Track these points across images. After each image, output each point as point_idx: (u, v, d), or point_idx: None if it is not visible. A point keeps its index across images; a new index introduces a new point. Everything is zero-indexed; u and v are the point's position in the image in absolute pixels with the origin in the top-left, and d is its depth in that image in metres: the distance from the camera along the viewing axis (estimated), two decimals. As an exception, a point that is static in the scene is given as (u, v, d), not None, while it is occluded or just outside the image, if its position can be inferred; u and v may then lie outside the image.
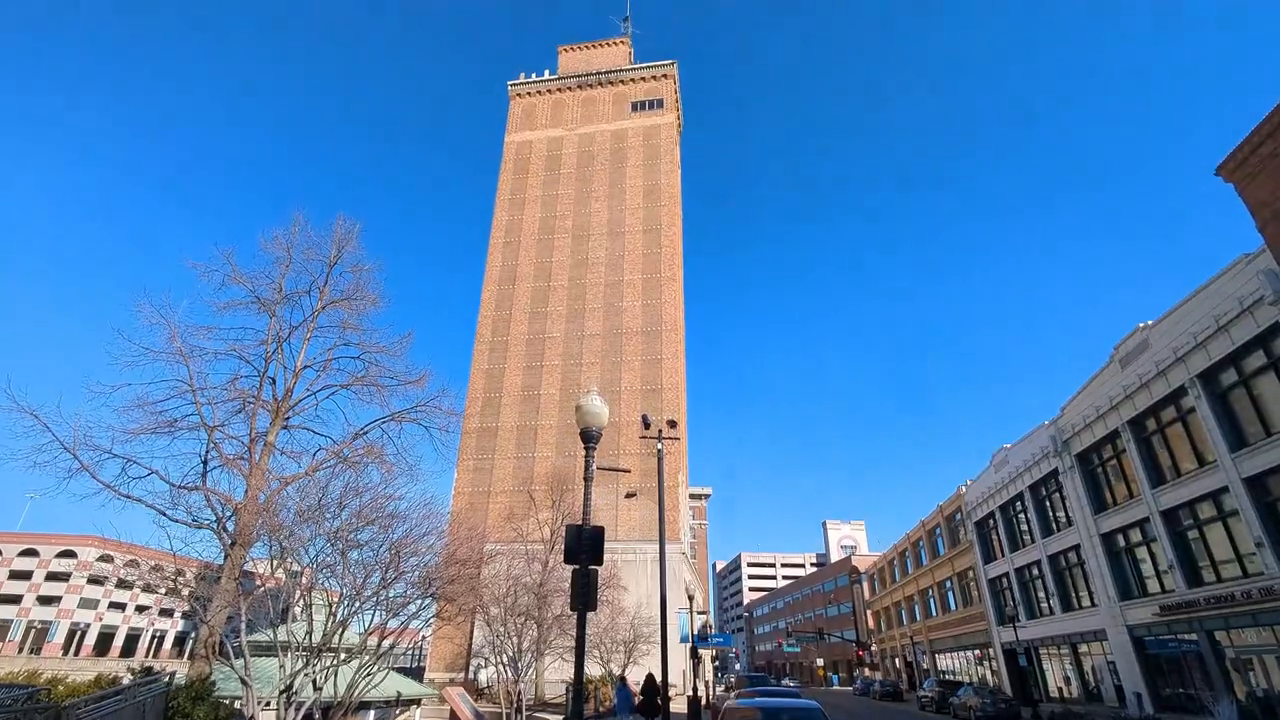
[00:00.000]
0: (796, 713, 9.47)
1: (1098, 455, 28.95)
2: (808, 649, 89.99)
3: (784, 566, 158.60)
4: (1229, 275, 21.20)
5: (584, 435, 8.93)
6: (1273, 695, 20.02)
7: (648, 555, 41.31)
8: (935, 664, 50.18)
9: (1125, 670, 26.44)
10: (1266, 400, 20.27)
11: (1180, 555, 23.61)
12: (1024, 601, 35.27)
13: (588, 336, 51.68)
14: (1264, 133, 19.39)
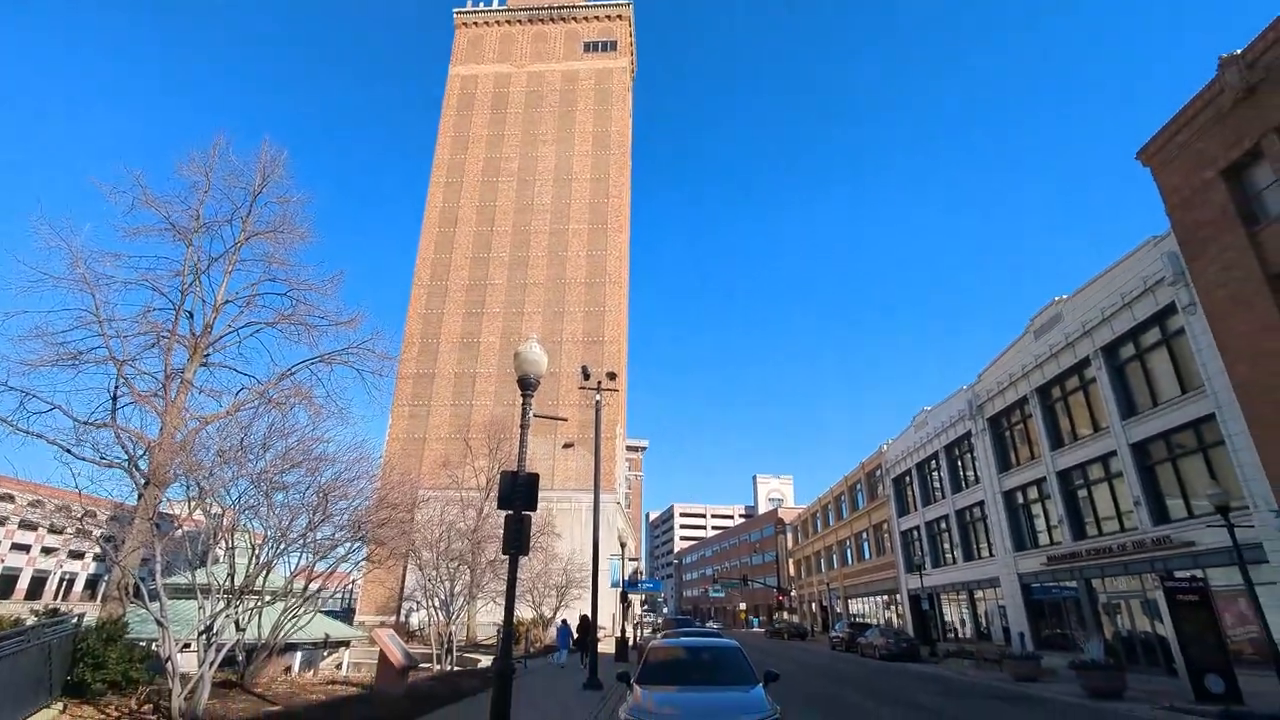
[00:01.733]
0: (716, 650, 9.98)
1: (1007, 419, 31.08)
2: (732, 594, 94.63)
3: (714, 517, 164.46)
4: (1138, 255, 22.70)
5: (522, 383, 8.91)
6: (1134, 634, 22.59)
7: (583, 504, 42.04)
8: (848, 608, 53.82)
9: (1013, 613, 29.17)
10: (1157, 374, 22.14)
11: (1069, 511, 25.92)
12: (931, 552, 38.07)
13: (530, 285, 50.85)
14: (1180, 122, 20.59)
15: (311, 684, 15.16)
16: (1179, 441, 21.06)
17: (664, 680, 8.86)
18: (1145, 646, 21.95)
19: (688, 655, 9.90)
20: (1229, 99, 18.72)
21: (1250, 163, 18.52)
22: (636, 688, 8.51)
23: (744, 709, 7.56)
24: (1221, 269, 18.92)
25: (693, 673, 9.20)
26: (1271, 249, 17.64)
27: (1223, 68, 18.80)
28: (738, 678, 8.86)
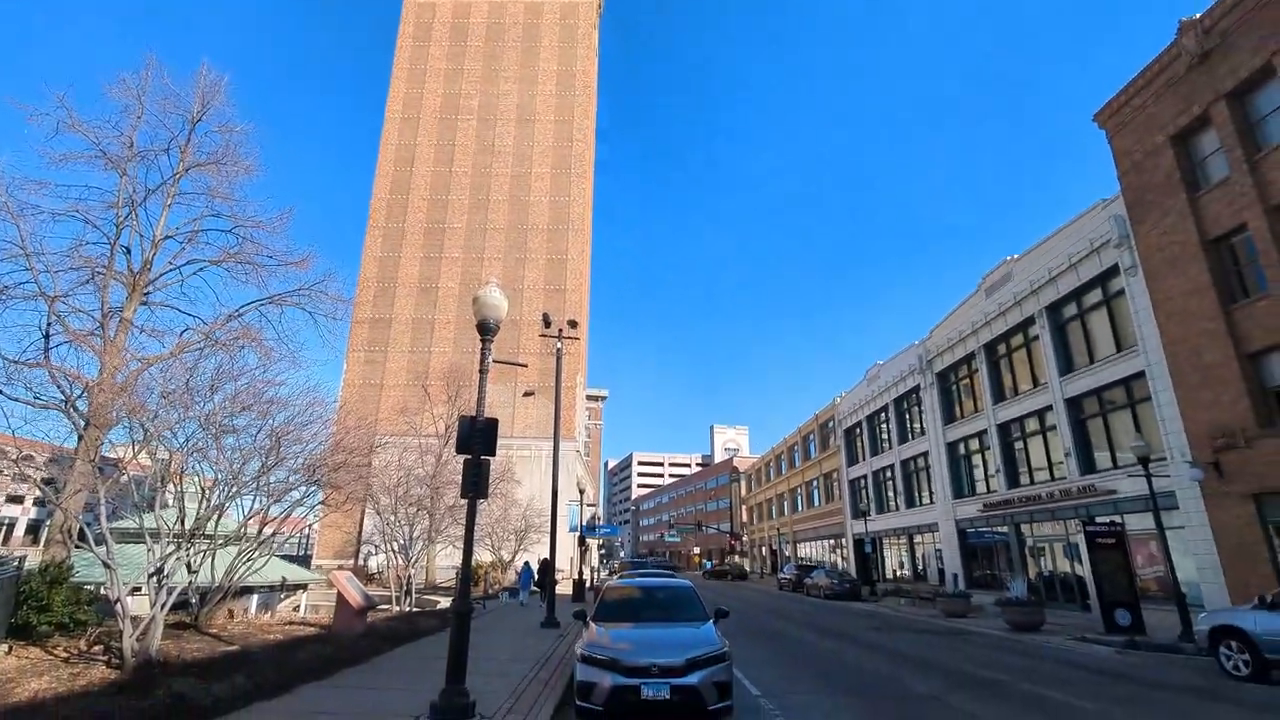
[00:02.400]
0: (670, 589, 10.40)
1: (954, 374, 32.32)
2: (687, 539, 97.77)
3: (672, 466, 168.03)
4: (1088, 217, 23.43)
5: (481, 328, 8.79)
6: (1055, 575, 24.38)
7: (543, 452, 42.39)
8: (796, 552, 56.32)
9: (948, 556, 31.06)
10: (1095, 333, 23.22)
11: (1006, 462, 27.41)
12: (876, 499, 39.92)
13: (491, 230, 49.61)
14: (1138, 85, 20.97)
15: (269, 625, 15.25)
16: (1110, 398, 22.31)
17: (619, 618, 9.22)
18: (1064, 585, 23.75)
19: (642, 594, 10.29)
20: (1184, 64, 19.12)
21: (1199, 129, 19.10)
22: (592, 625, 8.86)
23: (695, 643, 7.94)
24: (1162, 233, 19.72)
25: (647, 611, 9.59)
26: (1209, 215, 18.43)
27: (1181, 32, 19.11)
28: (690, 615, 9.30)
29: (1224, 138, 17.98)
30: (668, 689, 7.26)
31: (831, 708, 8.84)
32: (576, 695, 7.66)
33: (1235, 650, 11.52)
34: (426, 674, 9.55)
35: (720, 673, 7.63)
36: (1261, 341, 16.71)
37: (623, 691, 7.29)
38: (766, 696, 9.42)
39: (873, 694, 9.83)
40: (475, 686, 7.89)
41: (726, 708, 7.61)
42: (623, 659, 7.54)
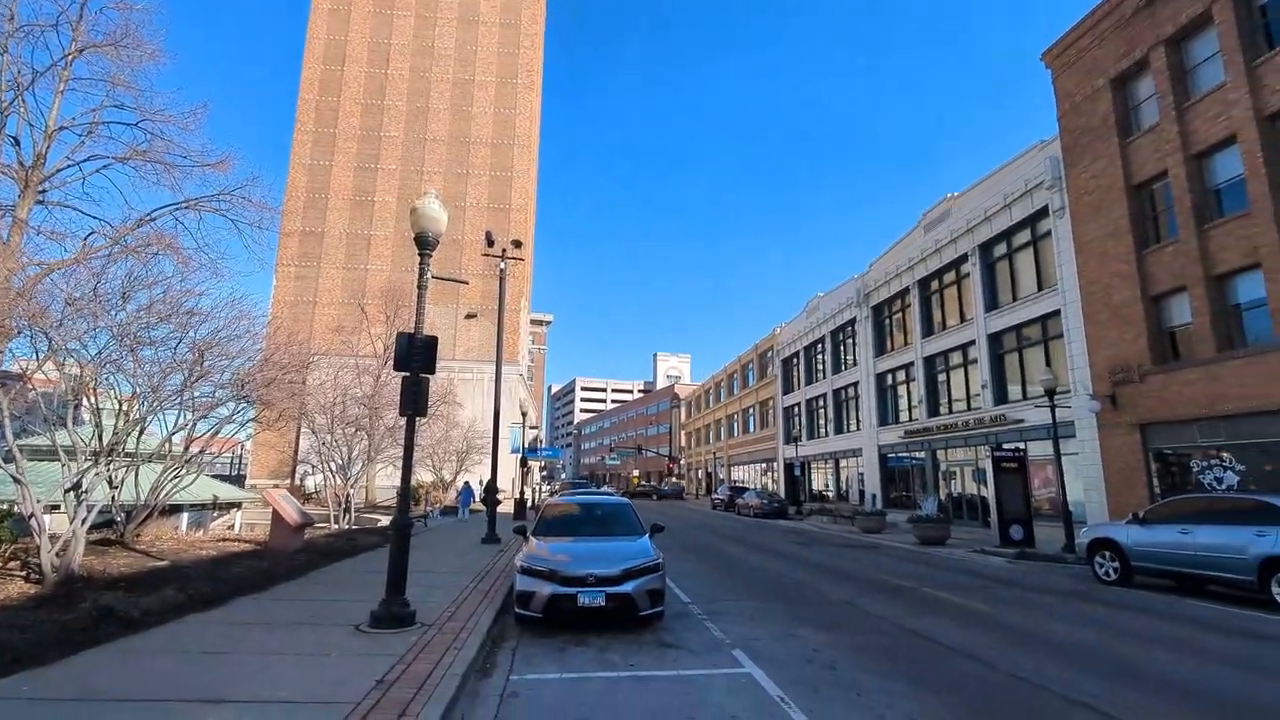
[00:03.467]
0: (608, 505, 10.81)
1: (889, 308, 33.53)
2: (627, 462, 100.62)
3: (614, 392, 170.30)
4: (1026, 158, 24.07)
5: (419, 240, 8.46)
6: (963, 496, 26.57)
7: (485, 375, 42.07)
8: (730, 475, 58.96)
9: (870, 478, 33.23)
10: (1020, 272, 24.38)
11: (929, 392, 29.08)
12: (808, 426, 41.89)
13: (431, 141, 46.85)
14: (1086, 26, 21.17)
15: (201, 541, 15.05)
16: (1027, 334, 23.74)
17: (559, 532, 9.58)
18: (970, 505, 25.94)
19: (582, 511, 10.66)
20: (1132, 6, 19.36)
21: (1137, 74, 19.62)
22: (532, 539, 9.17)
23: (631, 555, 8.39)
24: (1092, 176, 20.53)
25: (586, 526, 9.99)
26: (1136, 161, 19.24)
27: (1130, -26, 19.24)
28: (627, 530, 9.75)
29: (1159, 84, 18.56)
30: (603, 596, 7.72)
31: (754, 611, 9.54)
32: (516, 604, 8.05)
33: (1107, 559, 12.97)
34: (366, 587, 9.73)
35: (654, 581, 8.14)
36: (1165, 285, 17.98)
37: (560, 599, 7.71)
38: (695, 603, 10.07)
39: (792, 600, 10.64)
40: (416, 598, 8.11)
41: (658, 613, 8.23)
42: (561, 569, 7.91)
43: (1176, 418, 17.24)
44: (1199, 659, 7.22)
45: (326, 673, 5.60)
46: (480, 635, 7.13)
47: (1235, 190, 16.53)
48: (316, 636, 6.88)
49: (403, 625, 7.26)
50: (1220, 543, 10.90)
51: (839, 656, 7.00)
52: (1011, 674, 6.42)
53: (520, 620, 8.08)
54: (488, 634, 7.35)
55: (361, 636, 6.91)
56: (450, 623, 7.69)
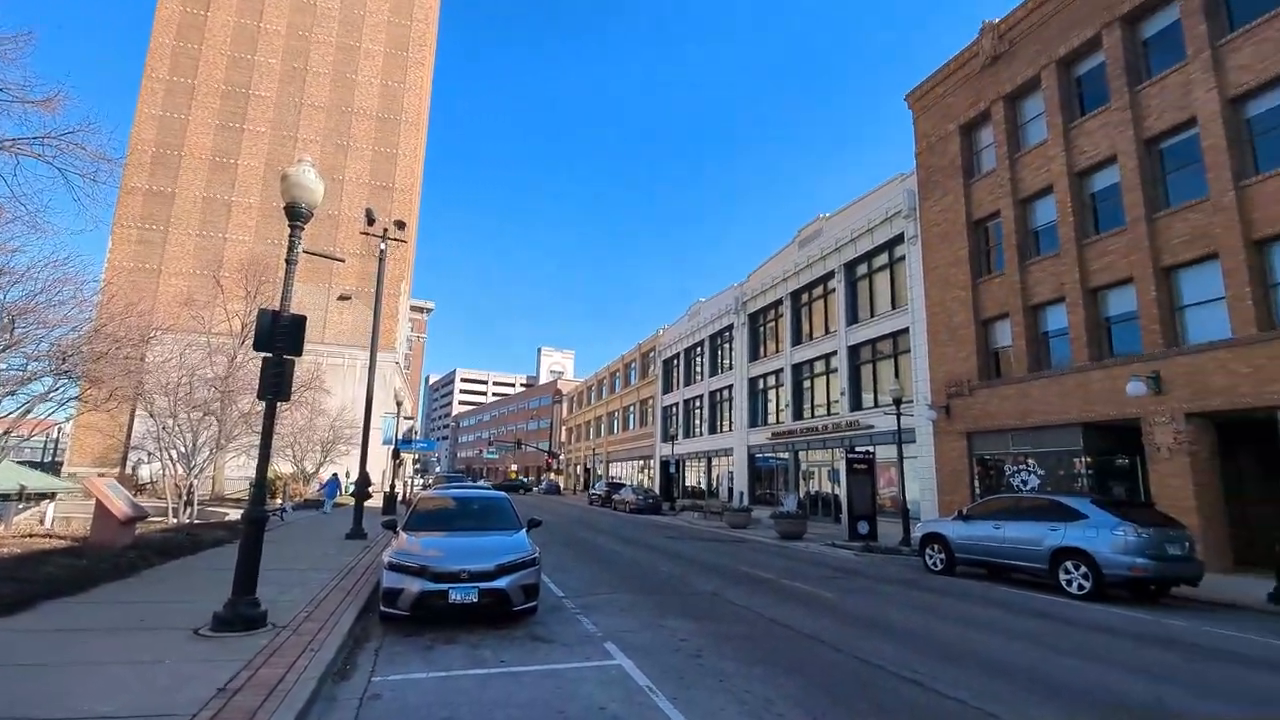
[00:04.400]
0: (484, 499, 10.62)
1: (764, 317, 35.57)
2: (505, 457, 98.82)
3: (496, 385, 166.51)
4: (888, 187, 26.49)
5: (290, 210, 7.78)
6: (820, 494, 28.78)
7: (358, 361, 39.68)
8: (609, 470, 59.74)
9: (739, 476, 35.10)
10: (878, 291, 26.81)
11: (795, 397, 31.21)
12: (684, 425, 43.44)
13: (309, 108, 43.37)
14: (943, 75, 23.64)
15: (1, 538, 13.05)
16: (881, 348, 26.17)
17: (432, 527, 9.29)
18: (825, 502, 28.17)
19: (456, 505, 10.41)
20: (980, 63, 21.90)
21: (981, 123, 22.22)
22: (402, 534, 8.83)
23: (507, 550, 8.27)
24: (940, 210, 23.00)
25: (460, 520, 9.76)
26: (976, 200, 21.81)
27: (982, 33, 21.74)
28: (504, 524, 9.63)
29: (997, 135, 21.16)
30: (476, 592, 7.58)
31: (626, 604, 9.83)
32: (382, 601, 7.71)
33: (936, 551, 14.63)
34: (210, 587, 8.92)
35: (529, 576, 8.10)
36: (993, 311, 20.56)
37: (430, 596, 7.49)
38: (569, 597, 10.19)
39: (663, 592, 11.08)
40: (269, 597, 7.60)
41: (531, 608, 8.19)
42: (432, 565, 7.70)
43: (996, 428, 19.81)
44: (1002, 636, 8.41)
45: (159, 681, 5.08)
46: (340, 636, 6.78)
47: (1050, 233, 19.26)
48: (148, 642, 6.23)
49: (252, 627, 6.74)
50: (1023, 536, 12.67)
51: (705, 645, 7.37)
52: (855, 656, 7.11)
53: (386, 619, 7.78)
54: (348, 634, 7.01)
55: (202, 641, 6.34)
56: (307, 623, 7.28)
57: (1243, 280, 14.30)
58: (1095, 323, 17.68)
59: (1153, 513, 12.35)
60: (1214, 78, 15.21)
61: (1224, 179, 14.84)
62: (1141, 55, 17.37)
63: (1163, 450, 15.40)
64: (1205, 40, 15.48)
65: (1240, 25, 15.11)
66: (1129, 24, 17.50)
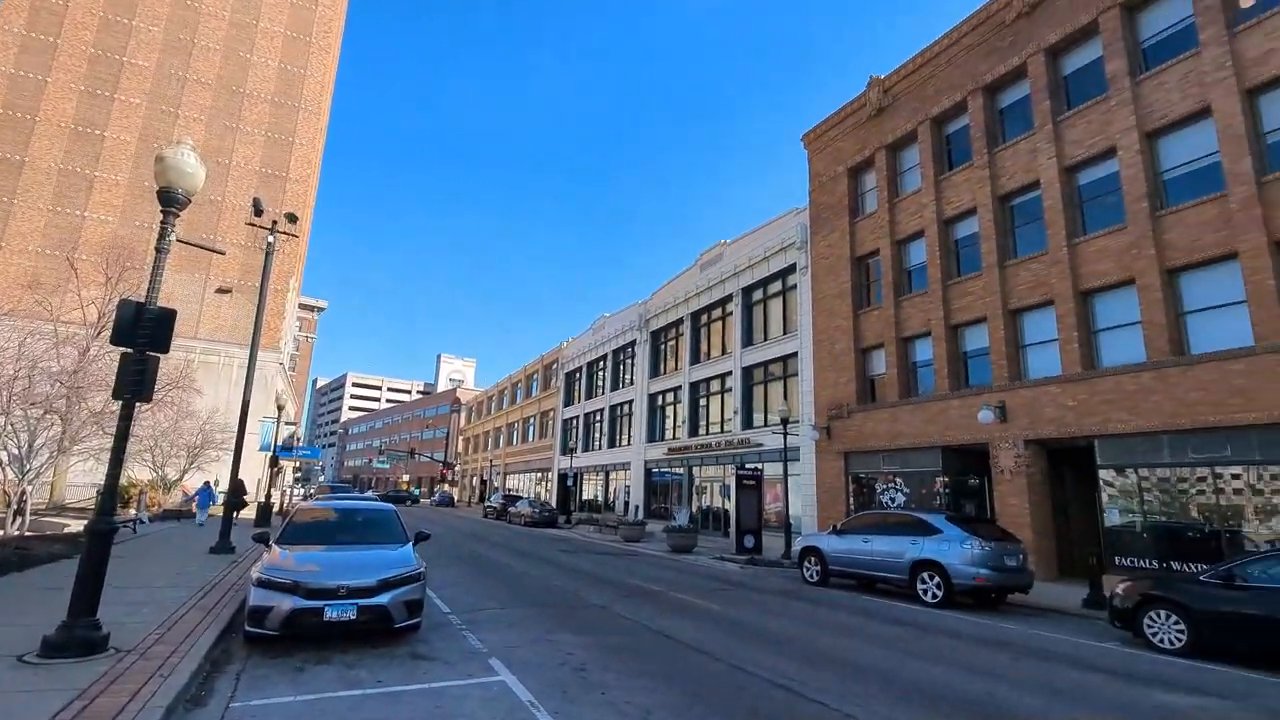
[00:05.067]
0: (369, 511, 10.23)
1: (665, 335, 36.52)
2: (397, 466, 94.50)
3: (390, 391, 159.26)
4: (785, 219, 28.12)
5: (164, 196, 7.18)
6: (712, 508, 29.80)
7: (235, 360, 36.76)
8: (505, 482, 58.65)
9: (635, 489, 35.65)
10: (771, 317, 28.33)
11: (692, 414, 32.22)
12: (584, 438, 43.58)
13: (194, 83, 39.96)
14: (835, 120, 25.50)
15: None
16: (772, 370, 27.63)
17: (310, 540, 8.86)
18: (715, 517, 29.20)
19: (339, 517, 9.97)
20: (867, 113, 23.85)
21: (866, 168, 24.15)
22: (275, 547, 8.38)
23: (391, 564, 7.99)
24: (829, 245, 24.72)
25: (342, 533, 9.36)
26: (860, 238, 23.65)
27: (870, 86, 23.71)
28: (389, 538, 9.31)
29: (879, 180, 23.10)
30: (355, 609, 7.28)
31: (515, 619, 9.80)
32: (247, 621, 7.23)
33: (812, 563, 15.59)
34: (42, 607, 8.00)
35: (413, 592, 7.84)
36: (871, 341, 22.32)
37: (303, 614, 7.11)
38: (456, 613, 10.02)
39: (553, 606, 11.13)
40: (115, 618, 7.02)
41: (414, 624, 7.92)
42: (307, 581, 7.33)
43: (870, 449, 21.45)
44: (865, 642, 9.17)
45: (-28, 716, 4.53)
46: (196, 659, 6.29)
47: (921, 273, 21.24)
48: (-41, 672, 5.56)
49: (91, 651, 6.10)
50: (888, 550, 13.79)
51: (590, 658, 7.48)
52: (733, 664, 7.50)
53: (251, 640, 7.32)
54: (205, 657, 6.51)
55: (26, 669, 5.67)
56: (158, 646, 6.72)
57: (1071, 325, 16.46)
58: (955, 356, 19.66)
59: (995, 528, 13.86)
60: (1054, 148, 17.51)
61: (1060, 236, 17.07)
62: (999, 122, 19.67)
63: (1005, 472, 17.34)
64: (1049, 115, 17.80)
65: (1075, 105, 17.51)
66: (990, 93, 19.78)
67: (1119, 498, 15.37)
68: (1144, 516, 14.85)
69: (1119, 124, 16.10)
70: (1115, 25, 16.46)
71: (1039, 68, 18.12)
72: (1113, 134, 16.23)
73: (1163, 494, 14.63)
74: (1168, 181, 15.40)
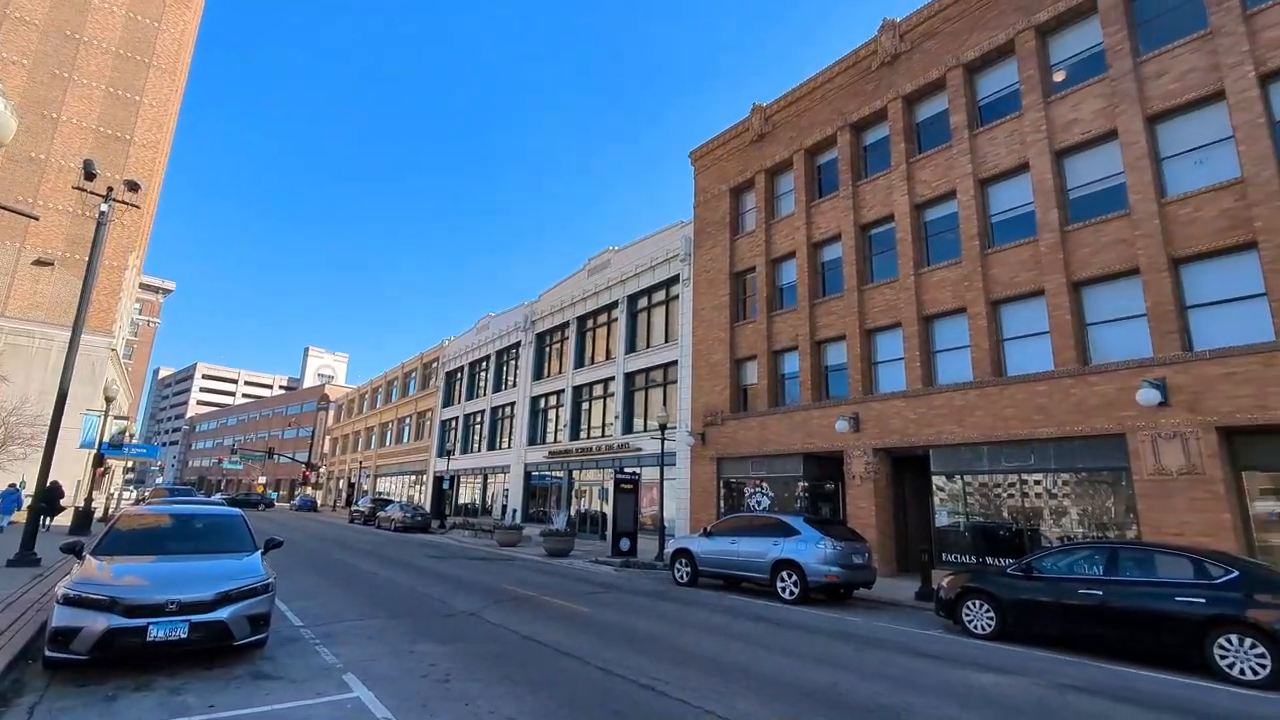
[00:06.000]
0: (211, 517, 9.33)
1: (550, 338, 36.39)
2: (252, 467, 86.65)
3: (249, 385, 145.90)
4: (670, 231, 29.00)
5: None
6: (590, 512, 30.04)
7: (55, 343, 32.09)
8: (376, 486, 55.61)
9: (514, 494, 35.16)
10: (654, 325, 29.11)
11: (574, 418, 32.33)
12: (463, 440, 42.35)
13: (16, 20, 34.46)
14: (721, 141, 26.71)
15: None
16: (654, 377, 28.39)
17: (135, 550, 7.92)
18: (594, 520, 29.48)
19: (173, 523, 8.97)
20: (749, 137, 25.19)
21: (747, 189, 25.49)
22: (90, 559, 7.40)
23: (234, 575, 7.35)
24: (710, 259, 25.83)
25: (176, 542, 8.46)
26: (739, 254, 24.91)
27: (753, 112, 25.06)
28: (234, 546, 8.53)
29: (758, 202, 24.48)
30: (187, 627, 6.56)
31: (376, 630, 9.37)
32: (48, 644, 6.27)
33: (683, 565, 16.19)
34: None
35: (259, 605, 7.24)
36: (745, 352, 23.59)
37: (120, 634, 6.28)
38: (310, 626, 9.42)
39: (419, 615, 10.76)
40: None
41: (259, 640, 7.34)
42: (128, 596, 6.48)
43: (740, 454, 22.64)
44: (726, 639, 9.68)
45: None
46: None
47: (791, 291, 22.76)
48: None
49: None
50: (753, 550, 14.62)
51: (455, 668, 7.31)
52: (600, 667, 7.61)
53: (54, 666, 6.34)
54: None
55: None
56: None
57: (916, 346, 18.37)
58: (819, 370, 21.27)
59: (846, 529, 15.13)
60: (907, 186, 19.48)
61: (909, 265, 19.00)
62: (863, 157, 21.57)
63: (856, 478, 18.99)
64: (904, 156, 19.77)
65: (925, 149, 19.60)
66: (856, 131, 21.64)
67: (948, 501, 17.34)
68: (967, 517, 16.86)
69: (959, 170, 18.23)
70: (959, 83, 18.63)
71: (897, 113, 20.10)
72: (954, 178, 18.35)
73: (982, 497, 16.70)
74: (995, 224, 17.64)
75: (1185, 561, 9.08)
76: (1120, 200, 15.09)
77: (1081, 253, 15.47)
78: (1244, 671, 7.96)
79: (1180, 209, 14.05)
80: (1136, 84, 14.98)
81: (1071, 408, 14.76)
